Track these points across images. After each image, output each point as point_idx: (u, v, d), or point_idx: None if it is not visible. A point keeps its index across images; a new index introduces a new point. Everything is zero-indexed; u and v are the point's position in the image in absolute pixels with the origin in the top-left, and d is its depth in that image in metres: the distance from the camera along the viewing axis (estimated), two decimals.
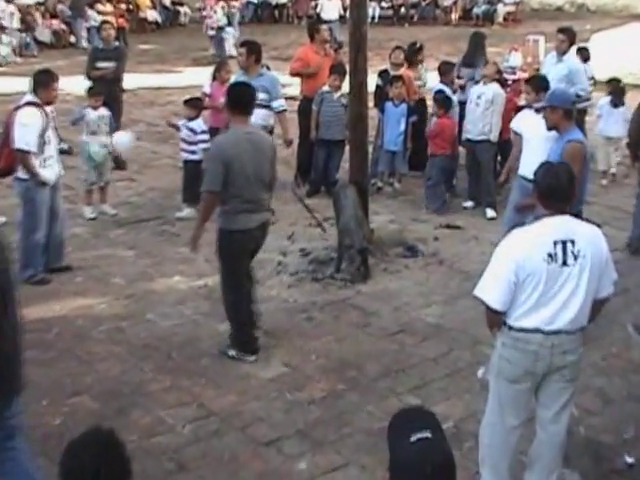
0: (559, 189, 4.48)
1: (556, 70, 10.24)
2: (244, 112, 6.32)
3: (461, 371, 6.35)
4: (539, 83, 8.22)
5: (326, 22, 21.13)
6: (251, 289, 6.72)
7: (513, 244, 4.50)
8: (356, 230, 8.14)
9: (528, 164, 6.97)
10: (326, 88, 10.49)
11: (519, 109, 10.82)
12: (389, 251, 8.72)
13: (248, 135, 6.29)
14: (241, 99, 6.34)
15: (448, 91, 10.69)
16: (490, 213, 9.97)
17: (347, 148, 9.70)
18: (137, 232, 9.48)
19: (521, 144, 7.93)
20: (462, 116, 10.52)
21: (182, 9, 32.22)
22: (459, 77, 11.30)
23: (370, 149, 9.78)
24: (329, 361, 6.51)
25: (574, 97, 8.79)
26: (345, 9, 24.61)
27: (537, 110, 7.67)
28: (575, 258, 4.37)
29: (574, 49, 11.79)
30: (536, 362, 4.48)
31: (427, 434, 2.61)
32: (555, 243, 4.36)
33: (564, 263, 4.36)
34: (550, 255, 4.34)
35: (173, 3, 32.29)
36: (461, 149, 10.67)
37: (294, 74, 11.36)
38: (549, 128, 6.92)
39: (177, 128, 10.22)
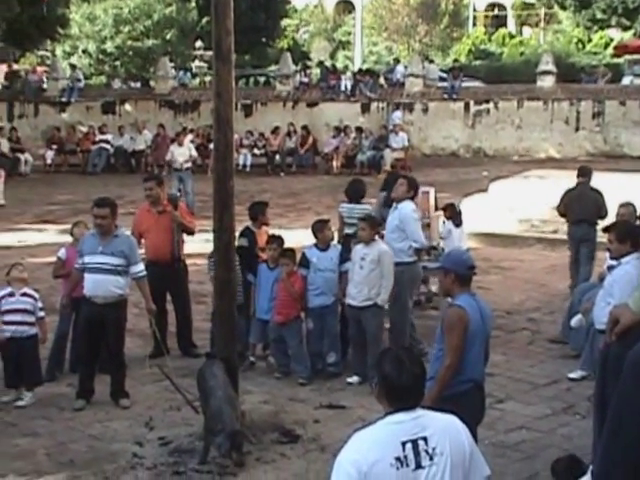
0: (404, 381, 3.85)
1: (389, 220, 9.53)
2: None
3: None
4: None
5: (176, 170, 20.69)
6: None
7: (354, 450, 3.79)
8: (229, 412, 6.99)
9: None
10: None
11: None
12: (263, 437, 7.52)
13: None
14: None
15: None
16: None
17: None
18: None
19: None
20: None
21: (23, 156, 28.75)
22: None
23: None
24: None
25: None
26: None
27: None
28: (431, 458, 3.76)
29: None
30: None
31: None
32: (404, 444, 3.73)
33: (418, 466, 3.74)
34: (399, 459, 3.71)
35: (13, 150, 28.67)
36: None
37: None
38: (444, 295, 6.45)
39: None
